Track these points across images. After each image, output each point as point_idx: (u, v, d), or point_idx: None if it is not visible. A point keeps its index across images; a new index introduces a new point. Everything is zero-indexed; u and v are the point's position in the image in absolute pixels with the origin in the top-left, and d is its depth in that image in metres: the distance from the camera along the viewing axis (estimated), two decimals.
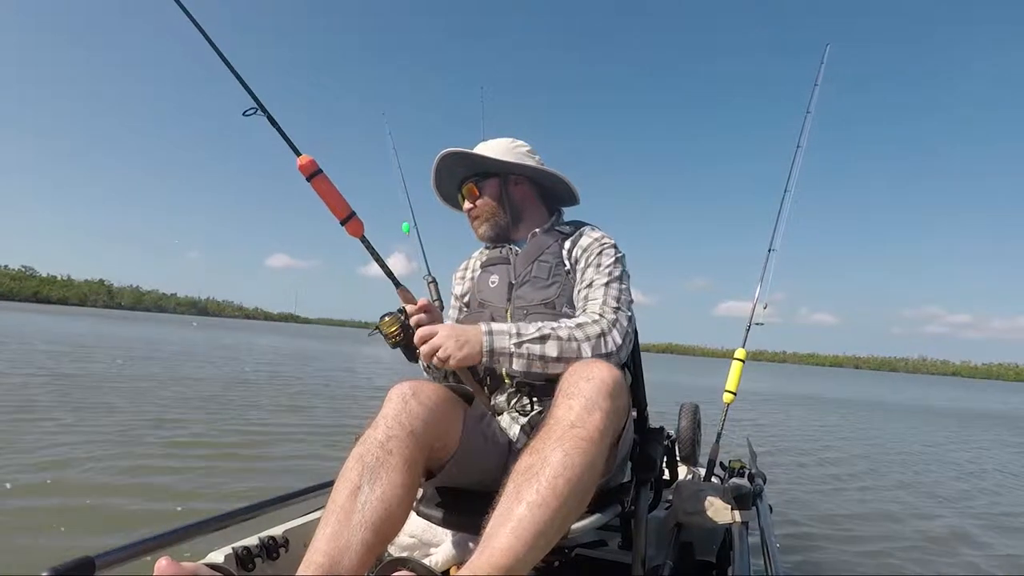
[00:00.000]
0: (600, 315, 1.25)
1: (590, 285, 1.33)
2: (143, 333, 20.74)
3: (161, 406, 5.37)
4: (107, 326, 24.78)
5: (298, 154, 1.22)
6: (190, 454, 3.70)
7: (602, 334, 1.21)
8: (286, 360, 13.65)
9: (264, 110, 1.24)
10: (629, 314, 1.29)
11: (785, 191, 2.63)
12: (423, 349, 1.18)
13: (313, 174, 1.21)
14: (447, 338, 1.16)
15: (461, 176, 1.51)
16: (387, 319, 1.25)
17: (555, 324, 1.21)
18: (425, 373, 1.46)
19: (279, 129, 1.24)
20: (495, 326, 1.19)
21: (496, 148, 1.48)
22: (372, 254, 1.29)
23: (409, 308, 1.26)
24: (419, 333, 1.20)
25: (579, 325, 1.22)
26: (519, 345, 1.17)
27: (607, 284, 1.31)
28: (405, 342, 1.24)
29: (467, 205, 1.50)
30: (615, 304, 1.28)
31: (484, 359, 1.17)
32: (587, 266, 1.36)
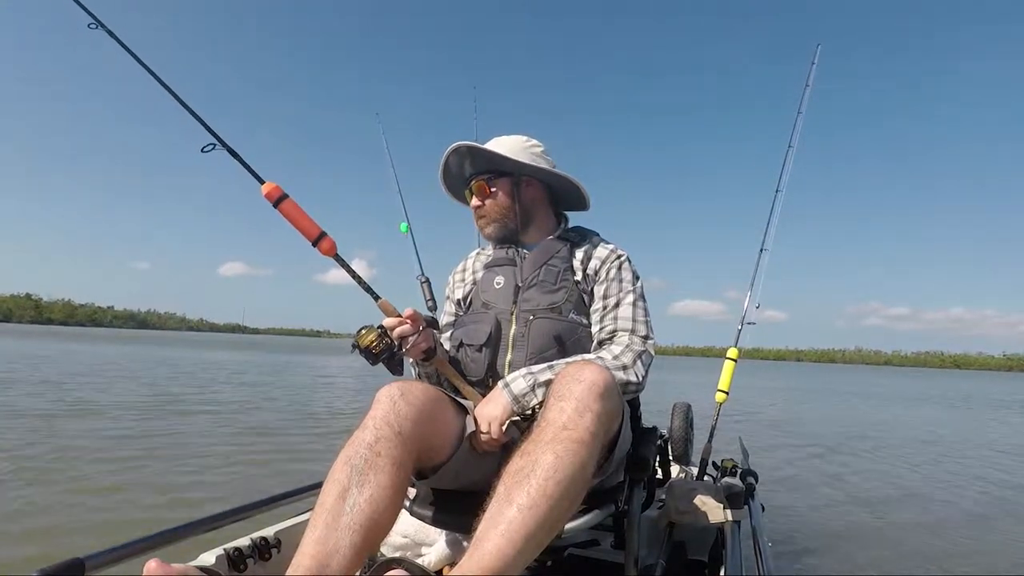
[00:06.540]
0: (628, 346, 1.27)
1: (617, 305, 1.34)
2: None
3: None
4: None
5: (262, 182, 1.20)
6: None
7: (624, 367, 1.22)
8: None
9: (223, 143, 1.22)
10: (653, 340, 1.32)
11: (777, 191, 2.64)
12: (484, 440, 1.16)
13: (279, 200, 1.18)
14: (481, 418, 1.16)
15: (471, 171, 1.46)
16: (363, 331, 1.18)
17: (581, 358, 1.22)
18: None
19: (241, 160, 1.22)
20: (508, 377, 1.20)
21: (511, 146, 1.43)
22: (348, 271, 1.26)
23: (391, 321, 1.20)
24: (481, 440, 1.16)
25: (613, 357, 1.23)
26: (530, 375, 1.18)
27: (634, 304, 1.34)
28: (387, 355, 1.18)
29: (475, 202, 1.45)
30: (644, 332, 1.31)
31: (515, 407, 1.17)
32: (608, 280, 1.37)
